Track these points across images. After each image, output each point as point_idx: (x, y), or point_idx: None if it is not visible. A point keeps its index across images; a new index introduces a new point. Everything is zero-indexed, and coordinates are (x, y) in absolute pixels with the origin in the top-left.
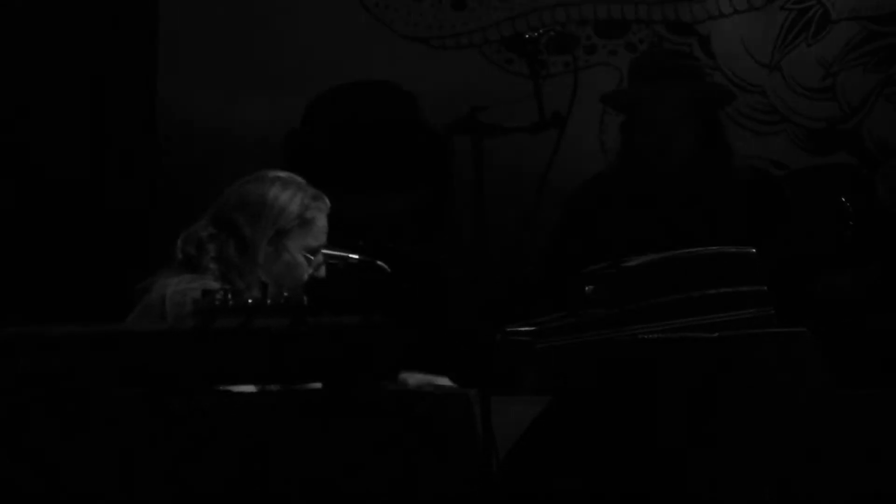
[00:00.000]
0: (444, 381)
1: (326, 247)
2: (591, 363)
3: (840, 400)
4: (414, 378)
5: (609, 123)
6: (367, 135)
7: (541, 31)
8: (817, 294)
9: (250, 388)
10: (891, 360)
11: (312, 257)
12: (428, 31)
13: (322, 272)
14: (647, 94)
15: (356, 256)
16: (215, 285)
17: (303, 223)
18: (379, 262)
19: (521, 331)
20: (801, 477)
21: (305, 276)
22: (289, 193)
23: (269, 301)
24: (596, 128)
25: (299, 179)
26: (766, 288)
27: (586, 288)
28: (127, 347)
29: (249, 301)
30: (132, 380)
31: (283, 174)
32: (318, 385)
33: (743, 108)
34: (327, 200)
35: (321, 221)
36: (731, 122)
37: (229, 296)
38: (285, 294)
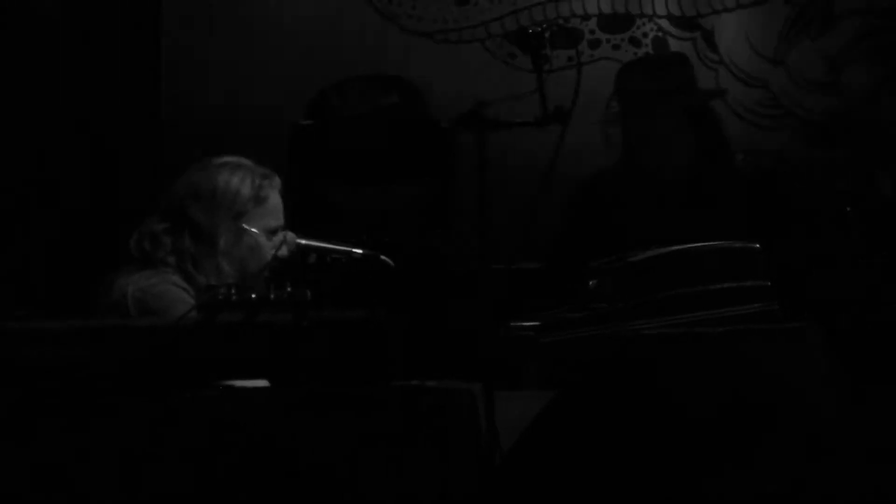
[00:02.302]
0: None
1: (286, 226)
2: (595, 358)
3: (846, 395)
4: None
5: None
6: (371, 129)
7: (544, 25)
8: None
9: (261, 382)
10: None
11: (273, 237)
12: (432, 26)
13: (284, 251)
14: (639, 115)
15: (360, 251)
16: (176, 279)
17: (258, 203)
18: (383, 257)
19: (525, 325)
20: (808, 472)
21: (268, 257)
22: (239, 176)
23: (272, 296)
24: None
25: (246, 161)
26: (770, 283)
27: (590, 282)
28: (129, 341)
29: (252, 296)
30: (134, 374)
31: (230, 158)
32: (321, 380)
33: (747, 101)
34: (278, 178)
35: (275, 199)
36: (736, 116)
37: (232, 290)
38: (289, 289)
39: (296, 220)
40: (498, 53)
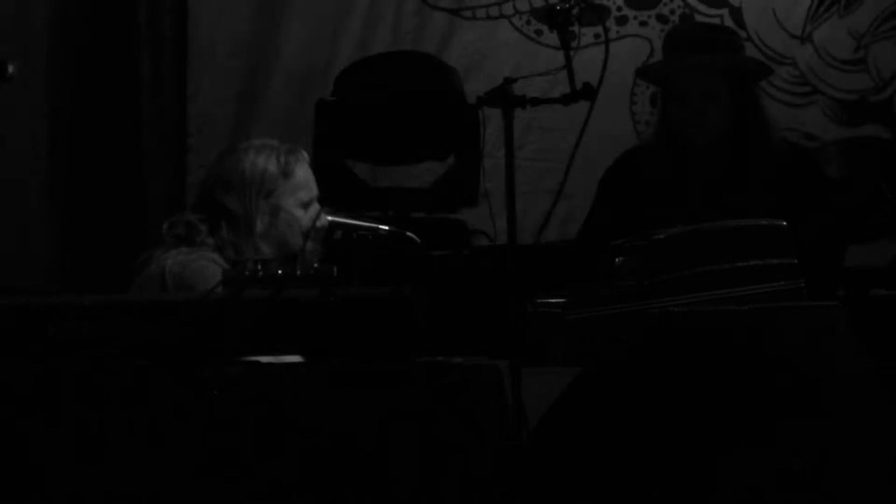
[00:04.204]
0: None
1: (318, 198)
2: (621, 335)
3: (872, 374)
4: None
5: (640, 94)
6: (398, 105)
7: (571, 2)
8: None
9: (288, 358)
10: None
11: (308, 209)
12: (458, 2)
13: (324, 221)
14: (680, 67)
15: (386, 227)
16: (215, 256)
17: (286, 177)
18: (409, 234)
19: (551, 302)
20: (832, 450)
21: (305, 228)
22: (264, 156)
23: (298, 272)
24: (627, 99)
25: (271, 141)
26: (796, 260)
27: (616, 259)
28: (156, 316)
29: (279, 272)
30: (162, 349)
31: (255, 141)
32: (347, 356)
33: (775, 80)
34: (304, 153)
35: (303, 171)
36: (764, 93)
37: (259, 266)
38: (315, 265)
39: (321, 196)
40: (525, 30)
